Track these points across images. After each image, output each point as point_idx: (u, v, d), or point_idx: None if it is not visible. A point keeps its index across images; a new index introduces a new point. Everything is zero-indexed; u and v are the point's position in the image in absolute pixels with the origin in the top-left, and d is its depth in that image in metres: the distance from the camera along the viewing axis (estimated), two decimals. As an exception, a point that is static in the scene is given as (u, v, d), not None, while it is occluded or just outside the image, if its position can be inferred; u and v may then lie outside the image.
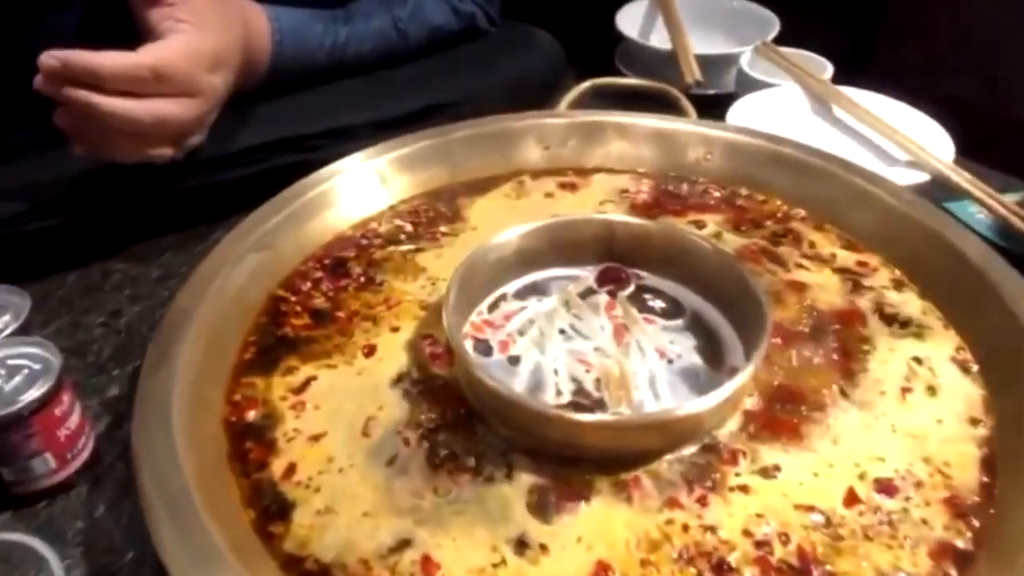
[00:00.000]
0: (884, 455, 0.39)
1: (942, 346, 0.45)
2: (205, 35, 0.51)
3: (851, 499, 0.37)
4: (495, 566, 0.34)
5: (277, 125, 0.59)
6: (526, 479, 0.37)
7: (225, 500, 0.37)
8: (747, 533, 0.36)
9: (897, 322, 0.47)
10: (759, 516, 0.36)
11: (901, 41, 0.81)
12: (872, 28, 0.85)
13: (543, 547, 0.35)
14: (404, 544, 0.35)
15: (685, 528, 0.36)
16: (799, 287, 0.49)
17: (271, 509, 0.36)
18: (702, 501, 0.37)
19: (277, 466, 0.38)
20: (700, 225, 0.54)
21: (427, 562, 0.34)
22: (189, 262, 0.53)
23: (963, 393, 0.42)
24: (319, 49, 0.64)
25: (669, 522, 0.36)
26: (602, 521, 0.36)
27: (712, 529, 0.36)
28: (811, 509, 0.37)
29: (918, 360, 0.44)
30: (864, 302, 0.48)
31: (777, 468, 0.38)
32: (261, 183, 0.53)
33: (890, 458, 0.39)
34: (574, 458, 0.38)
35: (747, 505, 0.37)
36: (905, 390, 0.42)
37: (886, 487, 0.38)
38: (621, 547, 0.35)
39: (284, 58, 0.61)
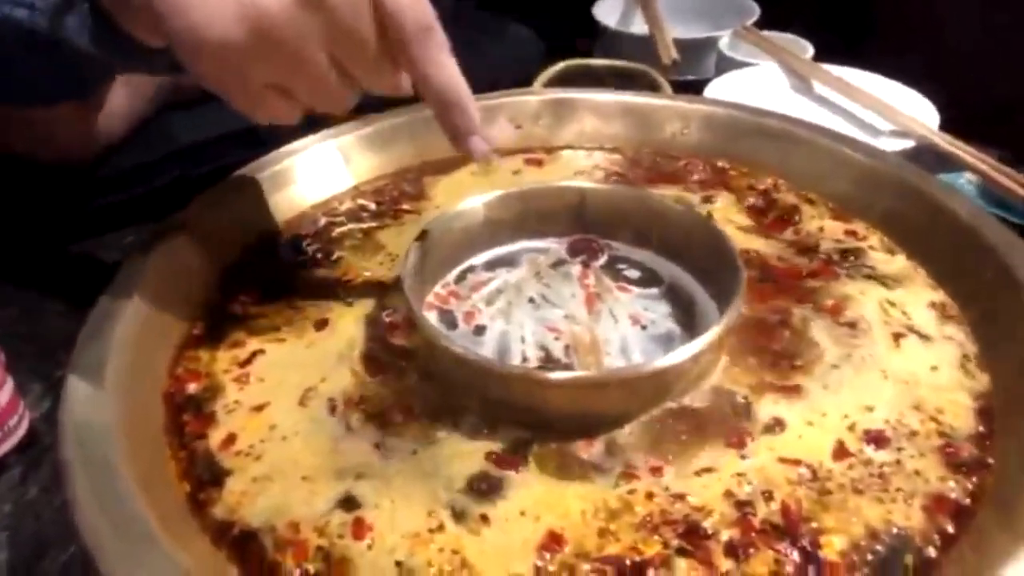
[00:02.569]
0: (874, 404, 0.36)
1: (925, 298, 0.43)
2: None
3: (840, 452, 0.34)
4: (431, 531, 0.31)
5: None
6: (472, 446, 0.35)
7: (159, 474, 0.34)
8: (728, 494, 0.32)
9: (887, 281, 0.44)
10: (740, 476, 0.33)
11: (883, 28, 0.80)
12: (856, 18, 0.84)
13: (483, 517, 0.32)
14: (339, 505, 0.32)
15: (650, 496, 0.33)
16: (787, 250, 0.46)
17: (204, 478, 0.34)
18: (669, 463, 0.34)
19: (215, 437, 0.35)
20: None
21: (359, 524, 0.31)
22: None
23: (954, 345, 0.40)
24: None
25: (631, 492, 0.33)
26: (552, 491, 0.33)
27: (682, 497, 0.33)
28: (797, 463, 0.34)
29: (905, 311, 0.42)
30: (852, 266, 0.45)
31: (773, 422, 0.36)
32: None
33: (880, 407, 0.36)
34: (533, 424, 0.35)
35: (727, 467, 0.34)
36: (897, 336, 0.40)
37: (877, 438, 0.35)
38: (576, 517, 0.32)
39: None
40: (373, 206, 0.52)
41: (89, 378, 0.35)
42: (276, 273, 0.46)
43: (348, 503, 0.32)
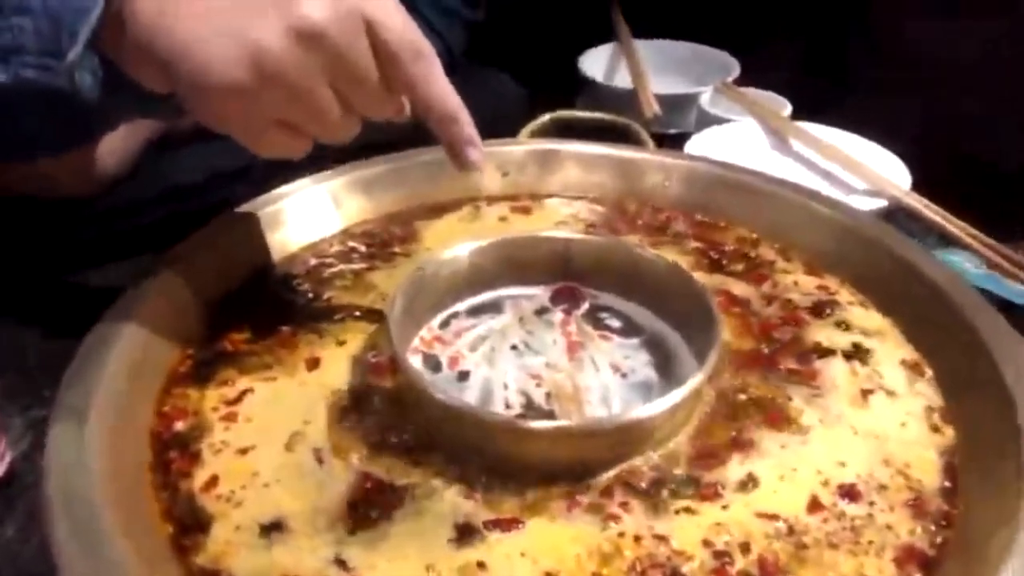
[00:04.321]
0: (845, 459, 0.38)
1: (897, 356, 0.44)
2: None
3: (815, 506, 0.35)
4: (431, 588, 0.32)
5: (228, 156, 0.59)
6: (465, 493, 0.35)
7: (142, 513, 0.34)
8: (706, 543, 0.33)
9: (859, 337, 0.46)
10: (718, 525, 0.34)
11: (861, 88, 0.83)
12: (832, 76, 0.87)
13: (481, 564, 0.32)
14: (333, 564, 0.32)
15: (637, 539, 0.34)
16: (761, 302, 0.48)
17: (187, 522, 0.34)
18: (654, 512, 0.35)
19: (199, 478, 0.36)
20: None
21: (359, 582, 0.32)
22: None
23: (922, 401, 0.41)
24: None
25: (621, 534, 0.34)
26: (547, 535, 0.34)
27: (665, 540, 0.34)
28: (773, 517, 0.35)
29: (876, 369, 0.43)
30: (824, 320, 0.47)
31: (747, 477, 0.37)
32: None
33: (851, 462, 0.37)
34: (517, 472, 0.36)
35: (704, 512, 0.35)
36: (865, 392, 0.42)
37: (850, 492, 0.36)
38: (571, 561, 0.33)
39: None
40: (364, 248, 0.53)
41: (74, 415, 0.36)
42: (267, 311, 0.46)
43: (340, 563, 0.32)
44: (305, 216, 0.53)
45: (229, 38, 0.33)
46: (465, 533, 0.34)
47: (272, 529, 0.34)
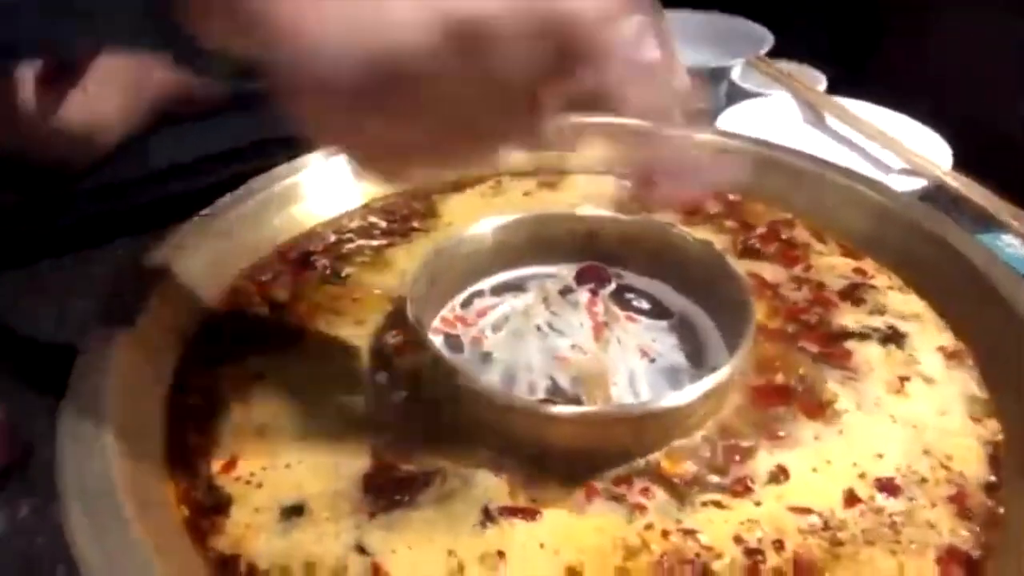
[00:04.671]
0: (883, 450, 0.36)
1: (935, 342, 0.43)
2: None
3: (851, 500, 0.34)
4: (452, 573, 0.31)
5: (238, 133, 0.58)
6: (487, 480, 0.34)
7: (157, 495, 0.33)
8: (738, 540, 0.32)
9: (896, 322, 0.44)
10: (750, 521, 0.33)
11: (896, 60, 0.80)
12: (867, 47, 0.84)
13: (501, 554, 0.31)
14: (354, 549, 0.31)
15: (665, 534, 0.32)
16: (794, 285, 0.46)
17: (205, 504, 0.33)
18: (682, 505, 0.34)
19: (217, 459, 0.35)
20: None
21: (377, 570, 0.31)
22: None
23: (962, 389, 0.40)
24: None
25: (648, 527, 0.33)
26: (569, 526, 0.32)
27: (694, 535, 0.32)
28: (807, 512, 0.33)
29: (913, 355, 0.42)
30: (859, 303, 0.45)
31: (778, 469, 0.35)
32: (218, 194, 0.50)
33: (889, 453, 0.36)
34: (541, 458, 0.35)
35: (735, 507, 0.33)
36: (902, 379, 0.40)
37: (888, 486, 0.34)
38: (594, 553, 0.31)
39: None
40: (384, 223, 0.51)
41: (89, 392, 0.35)
42: (284, 288, 0.45)
43: (362, 548, 0.31)
44: (324, 190, 0.52)
45: (362, 24, 0.25)
46: (485, 519, 0.33)
47: (293, 512, 0.33)
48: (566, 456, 0.35)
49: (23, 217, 0.53)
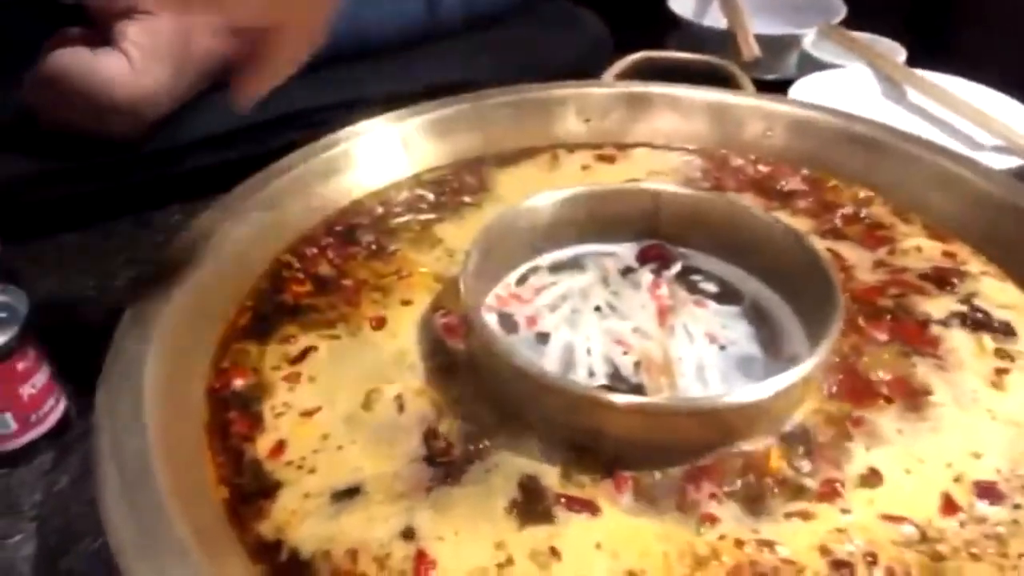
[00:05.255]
0: (981, 450, 0.33)
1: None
2: None
3: (949, 507, 0.30)
4: (499, 566, 0.28)
5: (291, 99, 0.56)
6: (541, 471, 0.32)
7: (196, 477, 0.31)
8: (824, 551, 0.29)
9: (993, 311, 0.40)
10: (839, 531, 0.30)
11: (979, 30, 0.74)
12: (946, 18, 0.78)
13: (554, 551, 0.29)
14: (400, 535, 0.29)
15: (739, 544, 0.29)
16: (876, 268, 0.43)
17: (250, 489, 0.31)
18: (757, 513, 0.31)
19: (263, 443, 0.33)
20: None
21: (422, 558, 0.28)
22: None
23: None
24: (334, 33, 0.59)
25: (721, 537, 0.30)
26: (630, 528, 0.30)
27: (771, 546, 0.29)
28: (902, 520, 0.30)
29: (1016, 347, 0.38)
30: (950, 290, 0.41)
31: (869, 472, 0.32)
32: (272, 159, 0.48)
33: (988, 454, 0.32)
34: (600, 449, 0.32)
35: (820, 515, 0.30)
36: (1000, 371, 0.36)
37: (989, 491, 0.31)
38: (657, 560, 0.29)
39: None
40: (432, 197, 0.49)
41: (128, 367, 0.33)
42: (330, 264, 0.43)
43: (408, 533, 0.29)
44: (372, 160, 0.49)
45: None
46: (538, 510, 0.30)
47: (345, 496, 0.31)
48: (627, 450, 0.32)
49: (76, 181, 0.51)
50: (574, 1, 0.71)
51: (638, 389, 0.36)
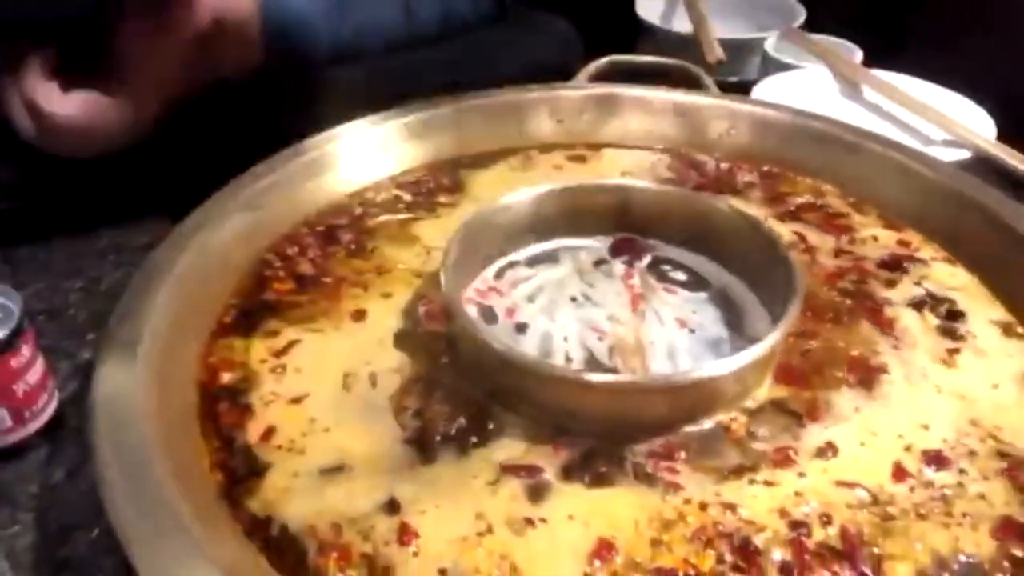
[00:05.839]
0: (928, 422, 0.35)
1: (987, 315, 0.41)
2: None
3: (900, 474, 0.33)
4: (480, 535, 0.30)
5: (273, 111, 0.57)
6: (516, 447, 0.33)
7: (191, 463, 0.33)
8: (782, 513, 0.31)
9: (945, 294, 0.42)
10: (797, 495, 0.32)
11: (932, 31, 0.77)
12: (900, 20, 0.81)
13: (529, 520, 0.31)
14: (383, 508, 0.31)
15: (703, 507, 0.31)
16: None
17: (241, 473, 0.32)
18: (722, 479, 0.32)
19: (253, 429, 0.34)
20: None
21: (404, 529, 0.30)
22: None
23: (1017, 362, 0.38)
24: (316, 43, 0.61)
25: (686, 501, 0.32)
26: (601, 498, 0.32)
27: (734, 508, 0.31)
28: (855, 486, 0.32)
29: (965, 327, 0.40)
30: (904, 274, 0.44)
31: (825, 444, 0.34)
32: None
33: (935, 425, 0.35)
34: (574, 427, 0.34)
35: (780, 482, 0.32)
36: (952, 351, 0.39)
37: (936, 458, 0.33)
38: (628, 527, 0.30)
39: (274, 51, 0.58)
40: (409, 197, 0.51)
41: (121, 362, 0.34)
42: (311, 262, 0.45)
43: (392, 506, 0.31)
44: (351, 161, 0.51)
45: None
46: (514, 484, 0.32)
47: (331, 472, 0.32)
48: (600, 426, 0.34)
49: (50, 188, 0.52)
50: (546, 8, 0.74)
51: (612, 371, 0.38)
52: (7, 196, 0.50)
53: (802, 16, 0.75)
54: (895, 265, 0.44)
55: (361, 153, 0.51)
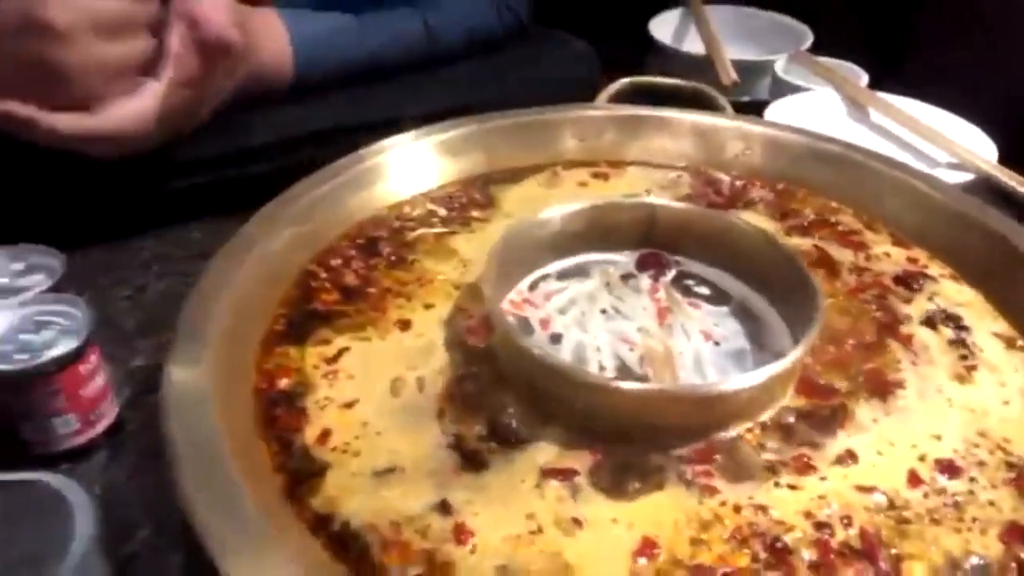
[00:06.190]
0: (941, 433, 0.38)
1: (991, 328, 0.44)
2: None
3: (914, 480, 0.35)
4: (532, 533, 0.32)
5: (305, 120, 0.60)
6: (555, 452, 0.36)
7: (253, 464, 0.35)
8: (807, 515, 0.34)
9: (953, 309, 0.45)
10: (820, 498, 0.34)
11: (932, 54, 0.81)
12: (902, 44, 0.85)
13: (576, 521, 0.33)
14: (436, 508, 0.33)
15: (737, 509, 0.34)
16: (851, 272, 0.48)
17: (301, 472, 0.35)
18: (752, 483, 0.35)
19: (310, 432, 0.37)
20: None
21: (460, 529, 0.32)
22: (219, 240, 0.52)
23: (1019, 375, 0.41)
24: (344, 63, 0.63)
25: (722, 503, 0.34)
26: (641, 500, 0.34)
27: (765, 510, 0.34)
28: (872, 490, 0.35)
29: (973, 342, 0.43)
30: (915, 291, 0.46)
31: (845, 452, 0.37)
32: (288, 178, 0.51)
33: (947, 436, 0.38)
34: (612, 434, 0.36)
35: (804, 486, 0.35)
36: (968, 368, 0.41)
37: (948, 467, 0.36)
38: (668, 527, 0.33)
39: (305, 74, 0.61)
40: (444, 212, 0.53)
41: (187, 367, 0.37)
42: (355, 273, 0.47)
43: (444, 507, 0.33)
44: (387, 178, 0.53)
45: None
46: (560, 487, 0.34)
47: (385, 473, 0.35)
48: (636, 434, 0.36)
49: (101, 193, 0.54)
50: (560, 28, 0.76)
51: (643, 381, 0.40)
52: (48, 204, 0.51)
53: (810, 39, 0.78)
54: (909, 281, 0.47)
55: (397, 169, 0.54)
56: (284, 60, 0.60)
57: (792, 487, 0.35)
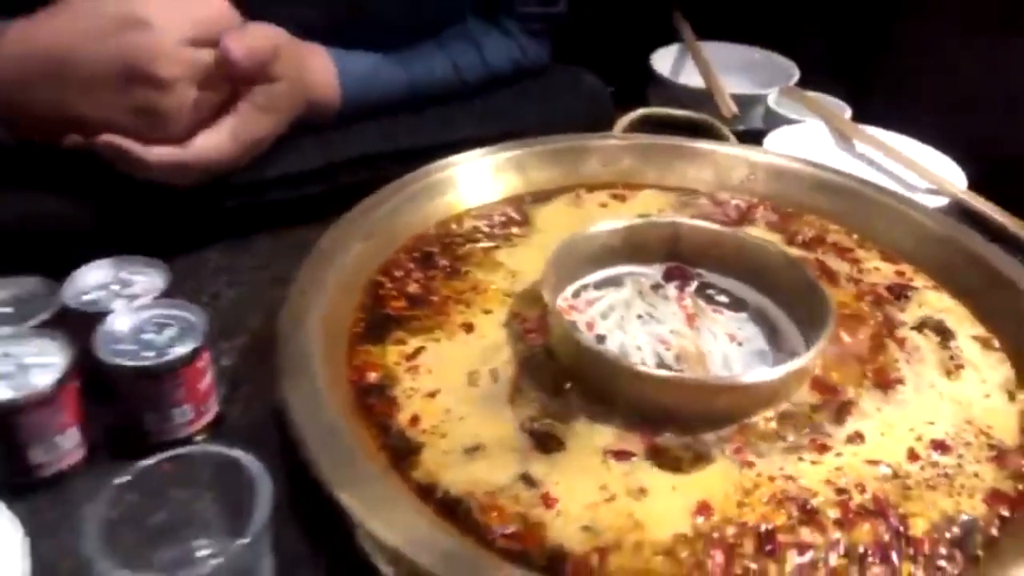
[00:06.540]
0: (934, 419, 0.45)
1: (970, 332, 0.51)
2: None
3: (912, 456, 0.42)
4: (607, 500, 0.38)
5: (352, 146, 0.65)
6: (619, 435, 0.42)
7: (361, 444, 0.40)
8: (828, 483, 0.40)
9: (938, 316, 0.52)
10: (837, 470, 0.41)
11: (899, 92, 0.89)
12: (868, 83, 0.92)
13: (642, 490, 0.39)
14: (521, 480, 0.39)
15: (771, 479, 0.40)
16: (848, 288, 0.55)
17: (402, 451, 0.40)
18: (781, 458, 0.42)
19: (402, 417, 0.42)
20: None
21: (546, 497, 0.38)
22: (278, 252, 0.59)
23: (1002, 373, 0.49)
24: (383, 96, 0.69)
25: (759, 474, 0.41)
26: (692, 473, 0.40)
27: (794, 479, 0.40)
28: (879, 463, 0.42)
29: (957, 343, 0.50)
30: (904, 299, 0.54)
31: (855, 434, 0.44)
32: (335, 197, 0.57)
33: (939, 422, 0.45)
34: (660, 420, 0.43)
35: (823, 461, 0.42)
36: (956, 366, 0.49)
37: (941, 446, 0.43)
38: (719, 493, 0.39)
39: (350, 106, 0.67)
40: (486, 228, 0.59)
41: (298, 363, 0.42)
42: (417, 283, 0.53)
43: (528, 480, 0.39)
44: (435, 197, 0.59)
45: None
46: (624, 462, 0.40)
47: (472, 451, 0.41)
48: (679, 419, 0.43)
49: (170, 210, 0.58)
50: (567, 62, 0.83)
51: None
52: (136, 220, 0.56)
53: (797, 75, 0.86)
54: (899, 291, 0.54)
55: (444, 190, 0.60)
56: (333, 93, 0.66)
57: (814, 462, 0.42)
